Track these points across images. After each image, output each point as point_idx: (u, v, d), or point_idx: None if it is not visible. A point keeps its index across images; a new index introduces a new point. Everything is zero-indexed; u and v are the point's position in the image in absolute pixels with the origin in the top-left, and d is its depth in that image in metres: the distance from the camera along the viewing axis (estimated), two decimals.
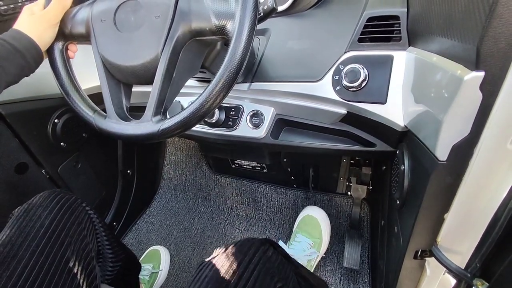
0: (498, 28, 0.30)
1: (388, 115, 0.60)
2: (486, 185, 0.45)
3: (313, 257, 0.98)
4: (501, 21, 0.30)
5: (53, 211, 0.63)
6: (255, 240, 0.61)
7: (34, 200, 0.65)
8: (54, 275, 0.58)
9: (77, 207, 0.68)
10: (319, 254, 1.01)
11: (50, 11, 0.52)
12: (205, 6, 0.46)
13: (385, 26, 0.60)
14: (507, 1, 0.29)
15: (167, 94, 0.49)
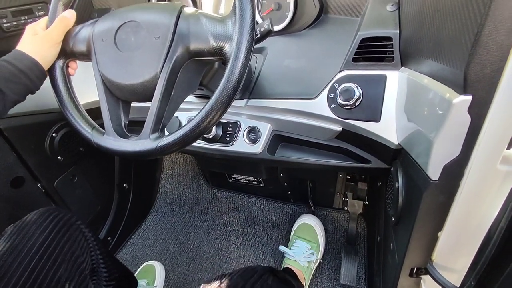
0: (483, 55, 0.32)
1: (382, 133, 0.61)
2: (478, 204, 0.46)
3: (312, 259, 1.02)
4: (485, 49, 0.31)
5: (47, 229, 0.63)
6: (257, 268, 0.62)
7: (28, 217, 0.65)
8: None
9: (71, 225, 0.68)
10: (318, 258, 1.05)
11: (52, 30, 0.54)
12: (204, 28, 0.48)
13: (378, 47, 0.62)
14: (491, 31, 0.30)
15: (165, 112, 0.50)
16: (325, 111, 0.66)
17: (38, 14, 0.80)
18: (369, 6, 0.67)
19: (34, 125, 0.85)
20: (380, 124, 0.61)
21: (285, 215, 1.24)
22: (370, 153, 0.70)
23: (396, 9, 0.64)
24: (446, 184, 0.44)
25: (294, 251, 1.03)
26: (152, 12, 0.50)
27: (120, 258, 1.23)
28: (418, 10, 0.52)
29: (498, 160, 0.42)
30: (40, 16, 0.81)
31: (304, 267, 1.00)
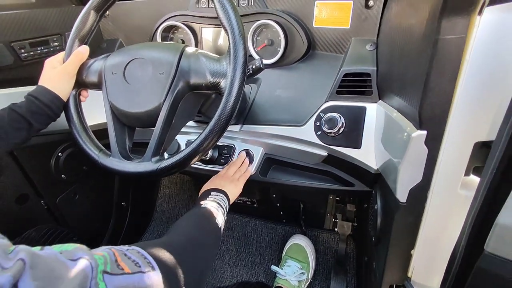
0: (431, 98, 0.38)
1: (363, 159, 0.67)
2: (443, 224, 0.51)
3: (303, 279, 1.06)
4: (433, 93, 0.38)
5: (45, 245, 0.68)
6: (250, 284, 0.67)
7: (27, 235, 0.69)
8: None
9: (67, 241, 0.72)
10: (308, 277, 1.09)
11: (69, 65, 0.61)
12: (202, 66, 0.55)
13: (359, 81, 0.69)
14: (435, 78, 0.37)
15: (166, 137, 0.56)
16: (312, 138, 0.72)
17: (52, 45, 0.88)
18: (351, 45, 0.75)
19: (41, 145, 0.91)
20: (361, 151, 0.67)
21: (278, 236, 1.28)
22: (353, 177, 0.76)
23: (374, 49, 0.71)
24: (413, 206, 0.49)
25: (285, 270, 1.06)
26: (158, 51, 0.57)
27: None
28: (390, 52, 0.60)
29: (458, 185, 0.48)
30: (54, 46, 0.88)
31: (295, 286, 1.03)
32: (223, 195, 0.69)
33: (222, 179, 0.74)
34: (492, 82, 0.37)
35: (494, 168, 0.38)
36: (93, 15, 0.64)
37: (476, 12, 0.32)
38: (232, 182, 0.74)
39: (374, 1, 0.71)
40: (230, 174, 0.76)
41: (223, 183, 0.73)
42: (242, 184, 0.77)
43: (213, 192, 0.68)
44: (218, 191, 0.69)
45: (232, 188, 0.73)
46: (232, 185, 0.74)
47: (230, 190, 0.72)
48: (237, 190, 0.75)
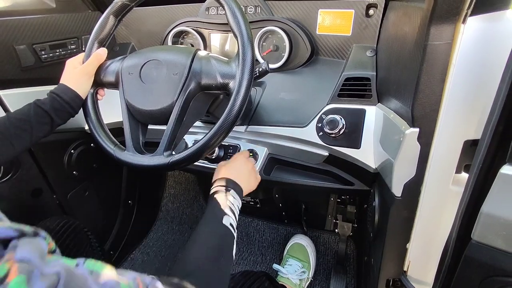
0: (422, 98, 0.42)
1: (362, 158, 0.71)
2: (436, 219, 0.54)
3: (304, 277, 1.08)
4: (423, 95, 0.42)
5: (58, 234, 0.72)
6: (253, 273, 0.70)
7: (41, 224, 0.74)
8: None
9: (79, 231, 0.76)
10: (309, 276, 1.11)
11: (89, 65, 0.66)
12: (213, 68, 0.59)
13: (359, 85, 0.73)
14: (425, 81, 0.41)
15: (177, 134, 0.60)
16: (314, 138, 0.76)
17: (70, 47, 0.93)
18: (352, 51, 0.80)
19: (56, 142, 0.95)
20: (360, 151, 0.71)
21: (280, 236, 1.31)
22: (353, 176, 0.80)
23: (374, 55, 0.76)
24: (408, 200, 0.53)
25: (287, 269, 1.09)
26: (172, 53, 0.62)
27: None
28: (388, 57, 0.64)
29: (450, 181, 0.52)
30: (72, 49, 0.94)
31: (296, 284, 1.05)
32: (237, 197, 0.65)
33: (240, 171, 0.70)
34: (478, 84, 0.40)
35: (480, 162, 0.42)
36: (112, 20, 0.68)
37: (460, 20, 0.36)
38: (251, 175, 0.72)
39: (374, 10, 0.75)
40: (249, 166, 0.73)
41: (242, 176, 0.69)
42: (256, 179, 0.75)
43: (228, 193, 0.63)
44: (235, 189, 0.65)
45: (251, 182, 0.72)
46: (251, 178, 0.72)
47: (249, 184, 0.71)
48: (255, 182, 0.74)
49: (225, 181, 0.66)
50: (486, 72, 0.39)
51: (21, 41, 0.80)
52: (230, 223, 0.58)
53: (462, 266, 0.46)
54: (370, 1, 0.75)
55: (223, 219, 0.58)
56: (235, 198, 0.64)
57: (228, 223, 0.58)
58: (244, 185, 0.69)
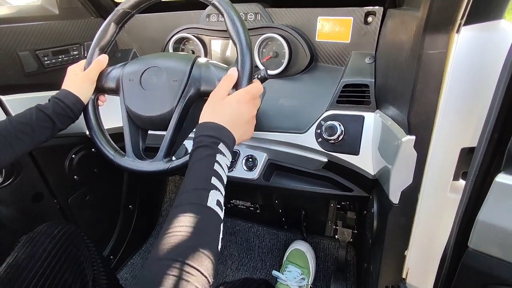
0: (418, 106, 0.43)
1: (361, 165, 0.71)
2: (434, 226, 0.54)
3: (303, 284, 1.08)
4: (418, 103, 0.42)
5: (55, 239, 0.72)
6: (253, 281, 0.69)
7: (39, 229, 0.74)
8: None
9: (76, 237, 0.76)
10: (309, 283, 1.10)
11: (90, 71, 0.67)
12: (212, 74, 0.60)
13: (358, 92, 0.74)
14: (421, 89, 0.41)
15: (176, 139, 0.61)
16: (313, 144, 0.76)
17: (72, 53, 0.94)
18: (351, 58, 0.80)
19: (57, 147, 0.96)
20: (359, 157, 0.71)
21: (279, 242, 1.31)
22: (352, 182, 0.80)
23: (372, 62, 0.76)
24: (405, 207, 0.53)
25: (286, 275, 1.09)
26: (172, 60, 0.63)
27: (120, 277, 1.28)
28: (386, 65, 0.65)
29: (447, 188, 0.52)
30: (74, 55, 0.95)
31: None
32: (228, 153, 0.51)
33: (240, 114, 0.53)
34: (473, 93, 0.41)
35: (476, 170, 0.42)
36: (113, 27, 0.69)
37: (454, 30, 0.37)
38: (250, 123, 0.56)
39: (373, 18, 0.76)
40: (253, 112, 0.57)
41: (239, 121, 0.53)
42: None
43: (217, 149, 0.48)
44: (226, 142, 0.50)
45: (248, 130, 0.57)
46: (250, 125, 0.57)
47: (244, 134, 0.56)
48: (251, 132, 0.58)
49: (214, 129, 0.50)
50: (481, 81, 0.40)
51: (24, 47, 0.82)
52: (217, 200, 0.44)
53: (460, 273, 0.46)
54: (369, 9, 0.76)
55: (208, 198, 0.43)
56: (225, 155, 0.49)
57: (214, 202, 0.44)
58: (239, 133, 0.53)
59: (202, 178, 0.45)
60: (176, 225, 0.40)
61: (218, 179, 0.46)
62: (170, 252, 0.37)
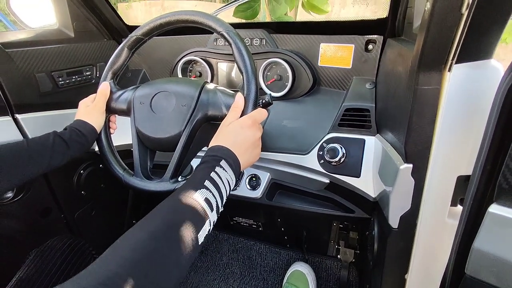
0: (414, 137, 0.45)
1: (362, 187, 0.73)
2: (433, 251, 0.55)
3: None
4: (415, 133, 0.44)
5: (64, 254, 0.74)
6: None
7: (49, 243, 0.76)
8: None
9: (84, 251, 0.78)
10: None
11: (98, 102, 0.71)
12: (219, 100, 0.63)
13: (359, 116, 0.76)
14: (417, 120, 0.44)
15: (183, 161, 0.63)
16: (315, 166, 0.78)
17: (85, 74, 0.99)
18: (353, 83, 0.83)
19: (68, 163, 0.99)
20: (360, 180, 0.73)
21: (281, 260, 1.30)
22: (354, 204, 0.81)
23: (373, 87, 0.79)
24: (404, 232, 0.54)
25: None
26: (182, 85, 0.66)
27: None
28: (385, 92, 0.67)
29: (445, 214, 0.53)
30: (87, 75, 0.99)
31: None
32: (230, 170, 0.52)
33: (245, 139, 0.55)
34: (466, 125, 0.43)
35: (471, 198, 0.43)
36: (126, 52, 0.73)
37: (446, 68, 0.39)
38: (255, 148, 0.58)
39: (373, 46, 0.79)
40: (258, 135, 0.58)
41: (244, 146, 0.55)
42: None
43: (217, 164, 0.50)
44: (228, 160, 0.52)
45: (254, 155, 0.58)
46: (255, 151, 0.59)
47: (250, 158, 0.57)
48: (257, 156, 0.59)
49: (217, 150, 0.53)
50: (474, 114, 0.42)
51: (41, 68, 0.86)
52: (206, 198, 0.45)
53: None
54: (369, 37, 0.79)
55: (197, 192, 0.45)
56: (225, 170, 0.51)
57: (202, 198, 0.45)
58: (245, 158, 0.55)
59: (196, 179, 0.48)
60: (160, 208, 0.45)
61: (213, 184, 0.48)
62: (143, 225, 0.42)
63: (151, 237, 0.39)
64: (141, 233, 0.40)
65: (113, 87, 0.73)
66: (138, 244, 0.39)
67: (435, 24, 0.35)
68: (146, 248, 0.38)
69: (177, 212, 0.43)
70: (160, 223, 0.41)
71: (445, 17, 0.34)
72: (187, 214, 0.43)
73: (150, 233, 0.40)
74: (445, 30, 0.35)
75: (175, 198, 0.45)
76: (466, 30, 0.35)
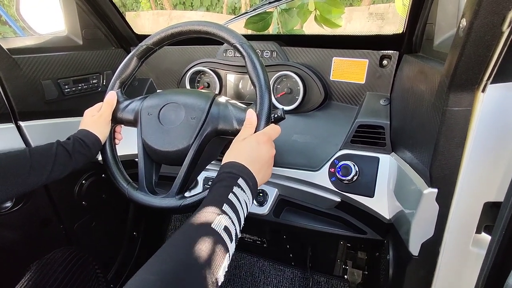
0: (441, 160, 0.42)
1: (376, 208, 0.69)
2: (455, 281, 0.52)
3: None
4: (442, 157, 0.41)
5: (67, 267, 0.71)
6: None
7: (51, 255, 0.73)
8: None
9: (87, 265, 0.75)
10: None
11: (104, 112, 0.68)
12: (230, 114, 0.60)
13: (373, 133, 0.73)
14: (444, 143, 0.41)
15: (190, 176, 0.60)
16: (326, 183, 0.75)
17: (92, 82, 0.97)
18: (366, 99, 0.81)
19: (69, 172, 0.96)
20: (374, 200, 0.70)
21: (286, 279, 1.26)
22: (366, 225, 0.77)
23: (387, 104, 0.77)
24: (425, 260, 0.50)
25: None
26: (192, 97, 0.64)
27: None
28: (402, 110, 0.65)
29: (469, 242, 0.50)
30: (93, 83, 0.98)
31: None
32: (248, 190, 0.48)
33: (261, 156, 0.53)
34: (498, 149, 0.40)
35: (503, 228, 0.40)
36: (135, 61, 0.71)
37: (480, 89, 0.37)
38: (270, 165, 0.56)
39: (388, 61, 0.77)
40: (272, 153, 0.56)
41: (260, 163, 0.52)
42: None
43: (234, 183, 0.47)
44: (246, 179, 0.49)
45: (268, 172, 0.55)
46: (270, 168, 0.56)
47: (264, 176, 0.54)
48: (269, 174, 0.56)
49: (234, 167, 0.50)
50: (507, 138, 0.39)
51: (47, 76, 0.84)
52: (225, 226, 0.41)
53: None
54: (384, 52, 0.77)
55: (215, 220, 0.41)
56: (244, 191, 0.47)
57: (221, 227, 0.41)
58: (260, 176, 0.52)
59: (213, 203, 0.44)
60: (172, 243, 0.39)
61: (231, 208, 0.44)
62: (153, 266, 0.36)
63: (161, 280, 0.34)
64: (150, 276, 0.35)
65: (120, 96, 0.71)
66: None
67: (472, 42, 0.32)
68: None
69: (192, 249, 0.37)
70: (172, 264, 0.36)
71: (483, 34, 0.31)
72: (205, 251, 0.37)
73: (159, 275, 0.34)
74: (482, 48, 0.33)
75: (190, 230, 0.40)
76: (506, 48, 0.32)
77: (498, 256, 0.42)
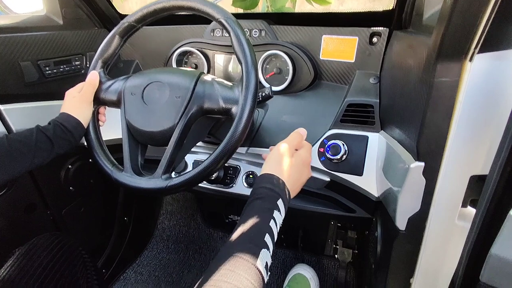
0: (428, 134, 0.41)
1: (364, 186, 0.69)
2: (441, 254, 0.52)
3: None
4: (429, 130, 0.41)
5: (51, 253, 0.70)
6: None
7: (35, 241, 0.71)
8: None
9: (73, 250, 0.74)
10: None
11: (85, 92, 0.66)
12: (216, 92, 0.59)
13: (362, 112, 0.73)
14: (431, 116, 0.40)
15: (176, 156, 0.59)
16: (316, 163, 0.75)
17: (74, 64, 0.94)
18: (356, 77, 0.80)
19: None
20: (363, 178, 0.70)
21: (278, 260, 1.27)
22: (355, 203, 0.78)
23: (377, 82, 0.76)
24: (412, 234, 0.51)
25: None
26: (176, 76, 0.62)
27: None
28: (391, 87, 0.64)
29: (455, 216, 0.50)
30: (76, 65, 0.94)
31: None
32: (283, 210, 0.48)
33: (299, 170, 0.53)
34: (485, 122, 0.40)
35: (487, 201, 0.40)
36: (117, 40, 0.69)
37: (467, 58, 0.36)
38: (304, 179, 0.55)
39: (378, 39, 0.76)
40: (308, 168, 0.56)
41: (297, 178, 0.53)
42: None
43: (275, 206, 0.46)
44: (284, 198, 0.48)
45: (299, 187, 0.55)
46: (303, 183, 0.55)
47: (296, 190, 0.54)
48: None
49: (277, 185, 0.48)
50: (494, 109, 0.39)
51: (26, 57, 0.81)
52: (266, 263, 0.39)
53: None
54: (374, 29, 0.76)
55: (258, 257, 0.38)
56: (280, 213, 0.46)
57: (263, 264, 0.39)
58: (293, 194, 0.52)
59: (255, 232, 0.42)
60: (219, 278, 0.37)
61: (271, 238, 0.43)
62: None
63: None
64: None
65: (102, 76, 0.68)
66: None
67: (459, 12, 0.31)
68: None
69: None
70: None
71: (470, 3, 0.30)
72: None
73: None
74: (468, 17, 0.32)
75: (235, 265, 0.37)
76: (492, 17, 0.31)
77: (482, 229, 0.42)
